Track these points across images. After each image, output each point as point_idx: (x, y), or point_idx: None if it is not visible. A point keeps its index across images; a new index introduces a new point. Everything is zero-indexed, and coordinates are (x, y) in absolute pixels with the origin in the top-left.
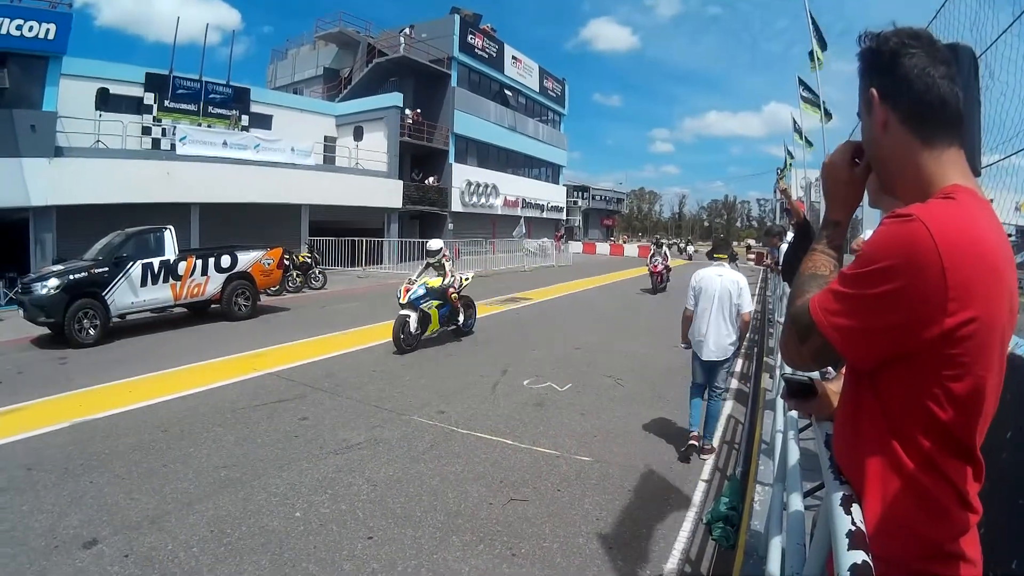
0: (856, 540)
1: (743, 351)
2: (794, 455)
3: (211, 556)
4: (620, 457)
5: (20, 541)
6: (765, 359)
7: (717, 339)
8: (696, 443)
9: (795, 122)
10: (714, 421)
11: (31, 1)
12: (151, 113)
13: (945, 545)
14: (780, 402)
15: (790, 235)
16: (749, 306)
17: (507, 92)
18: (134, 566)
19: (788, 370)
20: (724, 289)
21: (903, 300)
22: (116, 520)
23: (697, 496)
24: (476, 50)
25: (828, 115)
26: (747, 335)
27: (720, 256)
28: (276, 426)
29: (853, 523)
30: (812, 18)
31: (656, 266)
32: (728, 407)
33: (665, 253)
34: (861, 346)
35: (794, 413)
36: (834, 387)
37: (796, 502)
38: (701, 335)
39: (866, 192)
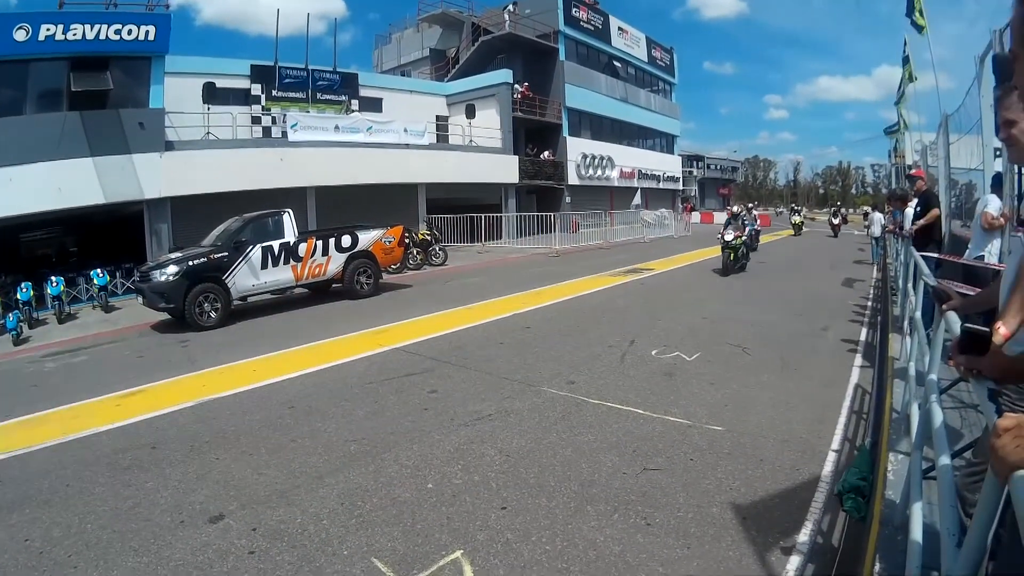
0: None
1: (868, 320)
2: (938, 417)
3: (342, 528)
4: (751, 427)
5: (145, 517)
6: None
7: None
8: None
9: (903, 80)
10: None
11: (128, 5)
12: (259, 103)
13: None
14: (912, 369)
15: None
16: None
17: (616, 64)
18: (262, 539)
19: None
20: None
21: None
22: (243, 495)
23: (827, 467)
24: (581, 23)
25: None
26: None
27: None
28: (405, 400)
29: None
30: None
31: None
32: (855, 375)
33: (742, 223)
34: None
35: (934, 376)
36: None
37: (946, 463)
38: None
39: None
